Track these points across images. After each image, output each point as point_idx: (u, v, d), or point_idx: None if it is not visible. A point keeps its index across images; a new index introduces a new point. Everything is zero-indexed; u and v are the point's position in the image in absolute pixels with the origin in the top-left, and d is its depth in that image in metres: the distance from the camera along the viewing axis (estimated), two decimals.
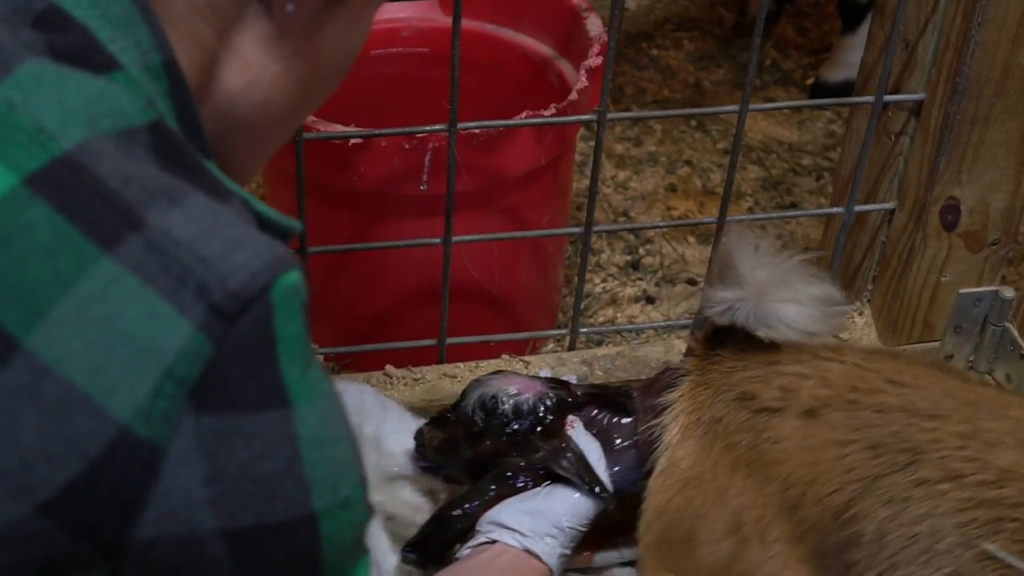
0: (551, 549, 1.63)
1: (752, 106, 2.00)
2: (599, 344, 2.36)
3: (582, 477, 1.66)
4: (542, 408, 1.69)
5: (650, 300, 2.57)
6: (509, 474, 1.68)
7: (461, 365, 2.12)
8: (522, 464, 1.68)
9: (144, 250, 0.83)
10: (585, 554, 1.87)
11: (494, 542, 1.65)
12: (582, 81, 2.07)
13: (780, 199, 2.86)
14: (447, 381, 2.09)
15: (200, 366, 0.82)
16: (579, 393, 1.73)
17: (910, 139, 2.07)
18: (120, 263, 0.82)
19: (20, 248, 0.82)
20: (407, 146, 1.96)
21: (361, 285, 2.22)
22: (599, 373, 2.12)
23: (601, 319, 2.52)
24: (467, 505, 1.68)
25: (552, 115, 1.99)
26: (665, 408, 1.65)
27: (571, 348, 2.20)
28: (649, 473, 1.64)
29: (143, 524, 0.84)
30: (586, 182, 2.83)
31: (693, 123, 3.09)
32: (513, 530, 1.63)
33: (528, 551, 1.62)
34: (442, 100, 1.89)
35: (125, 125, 0.89)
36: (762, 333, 1.61)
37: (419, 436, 1.76)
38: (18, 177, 0.84)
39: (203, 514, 0.85)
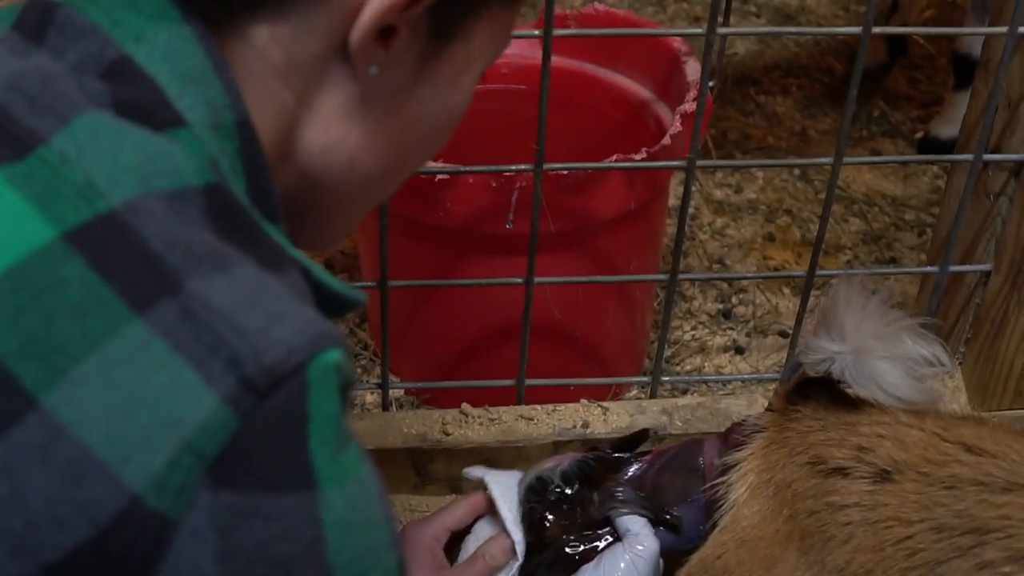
0: None
1: (847, 159, 1.96)
2: (684, 393, 2.33)
3: (643, 504, 1.62)
4: (586, 467, 1.66)
5: (739, 351, 2.53)
6: (561, 556, 1.65)
7: (539, 407, 2.09)
8: (573, 541, 1.65)
9: (178, 316, 0.80)
10: None
11: None
12: (676, 126, 2.04)
13: (880, 254, 2.80)
14: (523, 423, 2.07)
15: (222, 440, 0.79)
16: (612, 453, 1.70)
17: (1009, 200, 2.02)
18: (151, 327, 0.80)
19: (50, 304, 0.80)
20: (494, 184, 1.95)
21: (443, 322, 2.21)
22: (678, 423, 2.09)
23: (688, 367, 2.48)
24: None
25: (643, 159, 1.96)
26: (734, 466, 1.61)
27: (652, 396, 2.16)
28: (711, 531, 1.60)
29: None
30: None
31: (796, 172, 3.04)
32: None
33: None
34: (533, 146, 1.87)
35: (180, 185, 0.86)
36: (855, 391, 1.56)
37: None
38: (58, 231, 0.81)
39: None
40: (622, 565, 1.60)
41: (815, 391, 1.59)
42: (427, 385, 2.22)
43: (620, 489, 1.64)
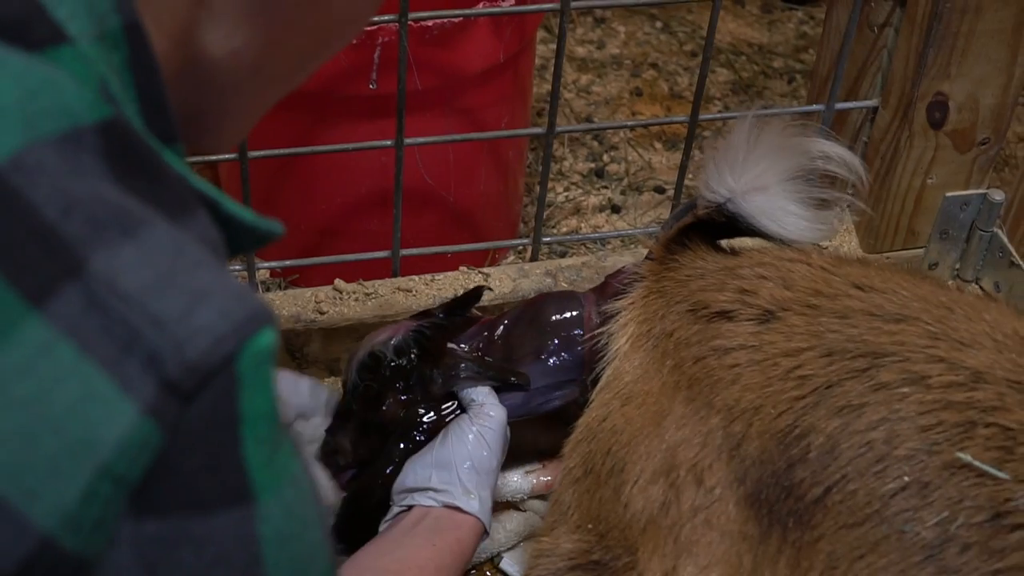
0: (470, 495, 1.54)
1: None
2: (563, 255, 2.23)
3: (486, 374, 1.58)
4: (422, 338, 1.60)
5: (615, 209, 2.44)
6: (409, 429, 1.60)
7: (416, 278, 1.98)
8: (421, 412, 1.60)
9: (84, 306, 0.67)
10: (544, 480, 1.76)
11: (410, 508, 1.56)
12: None
13: (751, 103, 2.72)
14: (401, 295, 1.95)
15: (145, 460, 0.67)
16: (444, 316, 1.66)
17: (895, 31, 1.93)
18: (53, 324, 0.66)
19: None
20: (354, 41, 1.81)
21: (308, 194, 2.07)
22: (564, 284, 1.99)
23: (564, 229, 2.38)
24: (379, 475, 1.60)
25: (511, 5, 1.84)
26: (613, 315, 1.52)
27: (533, 259, 2.06)
28: (592, 384, 1.53)
29: None
30: (546, 87, 2.70)
31: (659, 25, 2.94)
32: (424, 489, 1.54)
33: (448, 506, 1.54)
34: None
35: (70, 126, 0.72)
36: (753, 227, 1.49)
37: (327, 451, 1.65)
38: None
39: None
40: (470, 437, 1.57)
41: (694, 241, 1.52)
42: (295, 263, 2.09)
43: (463, 364, 1.59)
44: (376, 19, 1.75)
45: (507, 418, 1.60)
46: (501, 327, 1.64)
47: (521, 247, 2.25)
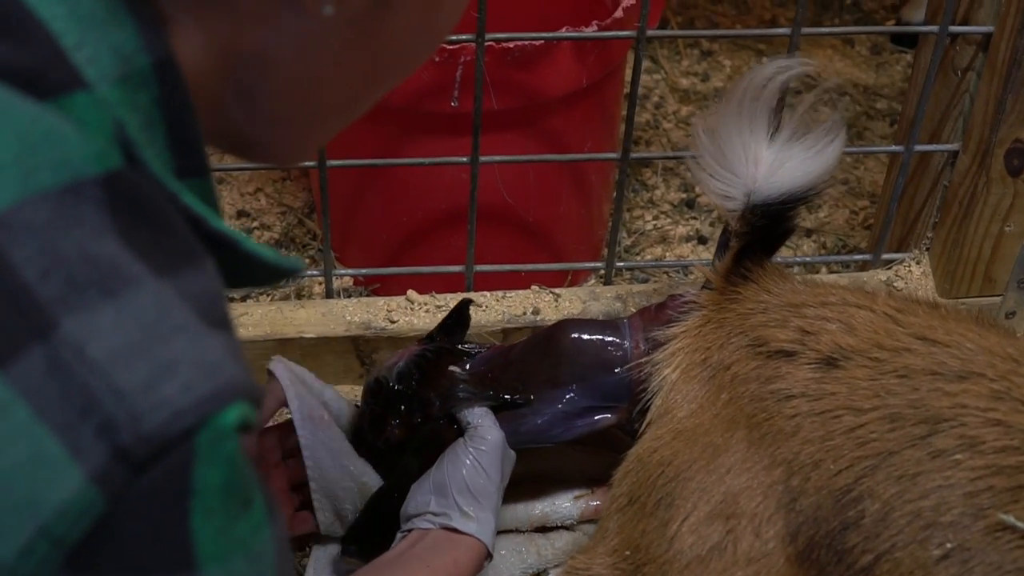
0: (467, 517, 1.55)
1: (805, 30, 1.87)
2: (645, 282, 2.26)
3: (483, 395, 1.59)
4: (423, 362, 1.63)
5: (702, 240, 2.45)
6: (425, 444, 1.63)
7: (488, 294, 2.02)
8: (436, 428, 1.63)
9: (45, 369, 0.68)
10: (593, 505, 1.78)
11: (411, 532, 1.58)
12: (630, 0, 1.95)
13: (850, 143, 2.71)
14: (471, 310, 1.98)
15: (85, 524, 0.68)
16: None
17: (977, 75, 1.93)
18: (12, 385, 0.68)
19: None
20: (437, 59, 1.86)
21: (389, 205, 2.12)
22: (632, 310, 2.00)
23: (649, 257, 2.40)
24: (396, 487, 1.63)
25: (593, 31, 1.87)
26: (664, 344, 1.52)
27: (607, 282, 2.09)
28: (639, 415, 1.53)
29: None
30: (646, 115, 2.72)
31: (764, 60, 2.94)
32: (423, 514, 1.57)
33: (445, 527, 1.55)
34: (475, 14, 1.78)
35: (71, 178, 0.73)
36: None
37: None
38: None
39: None
40: (467, 460, 1.58)
41: (756, 272, 1.51)
42: (371, 272, 2.14)
43: (460, 385, 1.61)
44: (457, 38, 1.80)
45: (507, 439, 1.60)
46: (517, 350, 1.66)
47: (601, 271, 2.27)
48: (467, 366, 1.65)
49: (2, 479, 0.67)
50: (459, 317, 1.71)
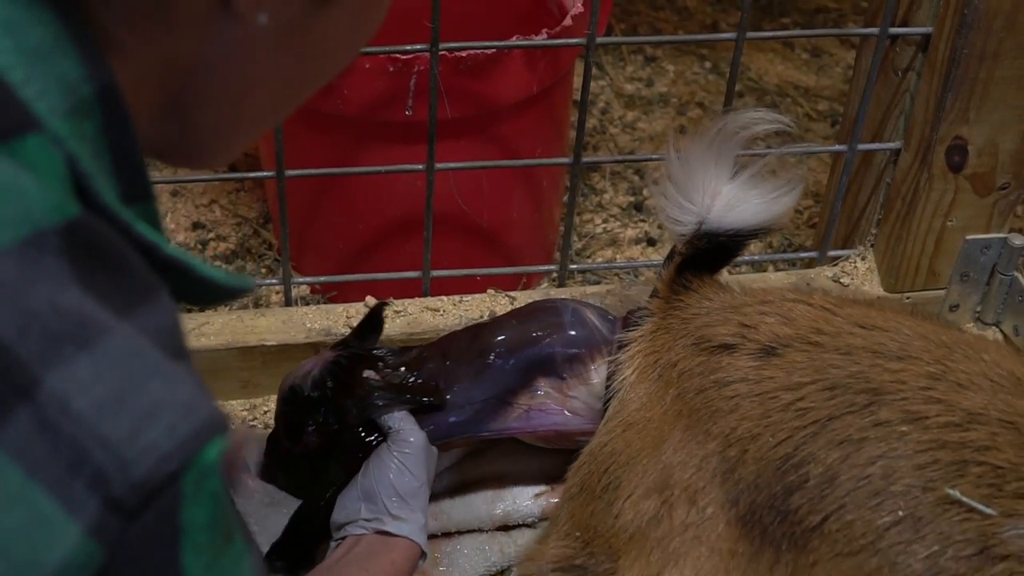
0: (399, 520, 1.58)
1: (749, 34, 1.91)
2: (597, 284, 2.30)
3: (399, 399, 1.62)
4: (337, 369, 1.65)
5: (651, 243, 2.50)
6: (351, 451, 1.65)
7: (445, 299, 2.05)
8: (362, 434, 1.65)
9: (34, 429, 0.69)
10: (555, 502, 1.81)
11: (344, 540, 1.61)
12: (578, 7, 2.00)
13: (793, 144, 2.76)
14: (429, 315, 2.02)
15: None
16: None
17: (917, 75, 1.98)
18: (2, 450, 0.69)
19: None
20: (391, 69, 1.89)
21: (347, 213, 2.15)
22: None
23: (600, 259, 2.44)
24: (320, 497, 1.65)
25: (542, 40, 1.91)
26: (625, 345, 1.59)
27: (560, 285, 2.13)
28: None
29: None
30: (593, 121, 2.77)
31: (707, 65, 3.00)
32: (354, 521, 1.59)
33: (379, 532, 1.58)
34: (428, 24, 1.82)
35: (31, 231, 0.73)
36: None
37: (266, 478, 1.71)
38: None
39: None
40: (393, 466, 1.60)
41: (697, 281, 1.58)
42: (329, 279, 2.17)
43: (376, 392, 1.63)
44: (411, 48, 1.84)
45: (430, 439, 1.64)
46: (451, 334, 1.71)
47: (554, 274, 2.31)
48: (384, 368, 1.67)
49: (3, 546, 0.68)
50: (373, 321, 1.73)
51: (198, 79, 0.89)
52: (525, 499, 1.84)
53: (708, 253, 1.57)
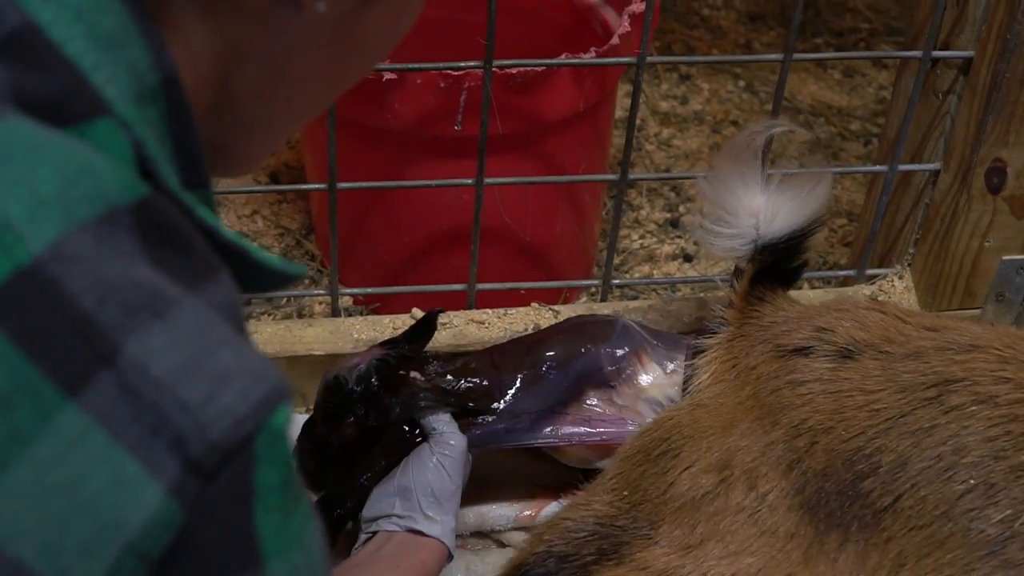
0: (431, 520, 1.60)
1: (796, 55, 1.95)
2: (634, 299, 2.33)
3: (445, 401, 1.65)
4: (384, 367, 1.68)
5: (688, 259, 2.53)
6: (395, 443, 1.67)
7: (489, 311, 2.08)
8: (388, 442, 1.67)
9: (116, 394, 0.72)
10: (527, 513, 1.83)
11: (375, 534, 1.63)
12: (624, 26, 2.03)
13: (826, 163, 2.80)
14: (474, 327, 2.05)
15: (168, 537, 0.72)
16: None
17: (958, 98, 2.01)
18: (87, 413, 0.71)
19: None
20: (442, 84, 1.93)
21: (393, 226, 2.19)
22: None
23: (637, 275, 2.48)
24: (355, 480, 1.68)
25: (592, 58, 1.95)
26: (701, 351, 1.63)
27: (603, 299, 2.16)
28: None
29: None
30: None
31: (741, 83, 3.04)
32: (387, 516, 1.62)
33: (410, 530, 1.61)
34: (482, 41, 1.85)
35: (106, 209, 0.75)
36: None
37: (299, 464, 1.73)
38: None
39: None
40: (431, 464, 1.63)
41: (770, 295, 1.61)
42: (376, 291, 2.21)
43: (422, 393, 1.66)
44: (463, 64, 1.87)
45: (469, 445, 1.67)
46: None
47: (594, 288, 2.34)
48: (430, 371, 1.69)
49: (89, 505, 0.71)
50: (427, 326, 1.76)
51: (253, 71, 0.91)
52: (501, 507, 1.85)
53: (775, 265, 1.60)
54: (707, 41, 3.18)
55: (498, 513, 1.85)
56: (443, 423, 1.66)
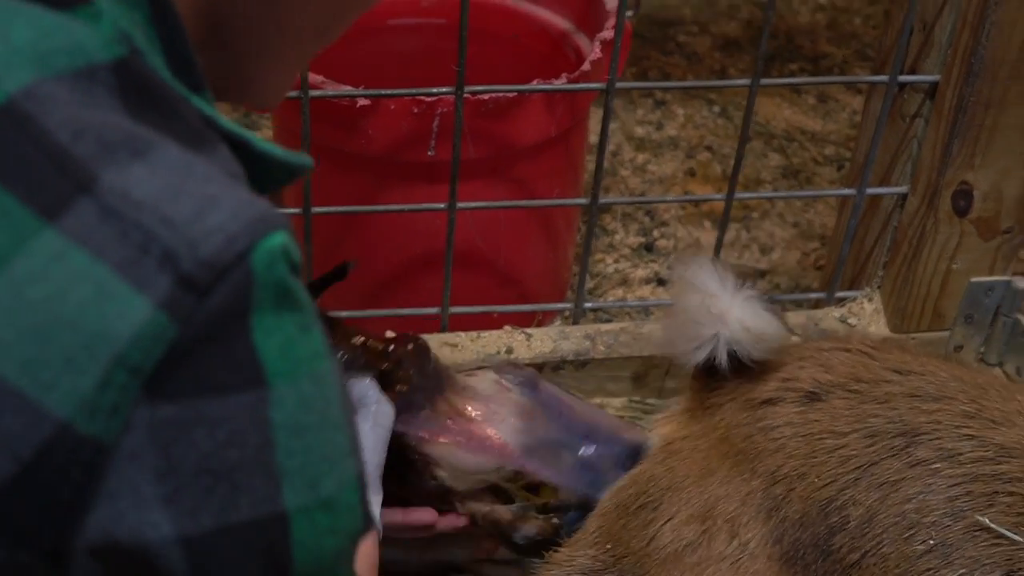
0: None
1: (763, 80, 1.97)
2: (608, 323, 2.35)
3: (362, 365, 1.59)
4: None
5: (661, 282, 2.56)
6: None
7: (462, 334, 2.10)
8: None
9: (97, 217, 0.71)
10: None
11: None
12: (595, 52, 2.05)
13: (800, 188, 2.83)
14: (448, 349, 2.07)
15: (159, 351, 0.71)
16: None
17: (924, 121, 2.04)
18: (66, 235, 0.70)
19: None
20: (415, 110, 1.95)
21: (367, 250, 2.21)
22: (601, 348, 2.10)
23: (611, 298, 2.50)
24: None
25: (562, 84, 1.98)
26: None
27: (575, 323, 2.18)
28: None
29: (88, 528, 0.73)
30: (605, 163, 2.82)
31: (716, 109, 3.07)
32: None
33: None
34: (455, 68, 1.88)
35: (84, 63, 0.76)
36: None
37: None
38: None
39: (155, 516, 0.73)
40: (371, 440, 1.51)
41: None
42: (351, 314, 2.22)
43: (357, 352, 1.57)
44: (435, 90, 1.89)
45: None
46: None
47: (568, 312, 2.36)
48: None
49: (71, 318, 0.70)
50: (339, 274, 1.70)
51: (230, 9, 0.91)
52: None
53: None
54: (683, 67, 3.21)
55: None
56: (365, 387, 1.55)
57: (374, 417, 1.52)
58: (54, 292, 0.70)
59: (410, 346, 1.65)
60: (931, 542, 1.36)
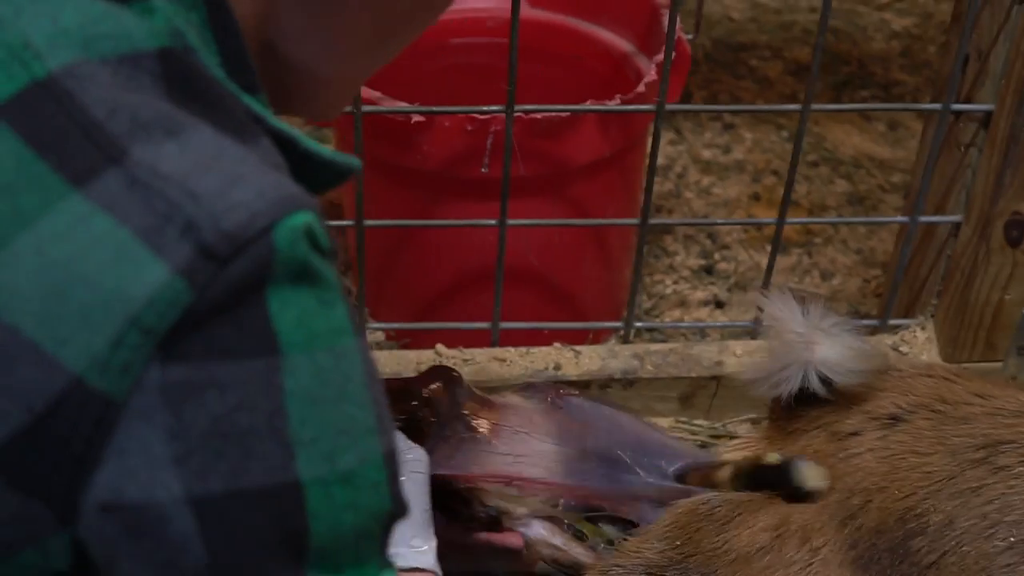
0: (420, 551, 1.44)
1: (815, 106, 1.98)
2: (662, 343, 2.36)
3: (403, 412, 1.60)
4: None
5: (719, 305, 2.56)
6: None
7: (512, 349, 2.13)
8: None
9: (124, 186, 0.73)
10: None
11: None
12: (651, 74, 2.07)
13: (865, 215, 2.82)
14: (496, 364, 2.10)
15: (174, 315, 0.72)
16: None
17: (979, 151, 2.04)
18: (92, 200, 0.73)
19: None
20: (469, 127, 1.98)
21: (420, 264, 2.24)
22: (649, 367, 2.12)
23: (668, 320, 2.51)
24: None
25: (614, 105, 1.99)
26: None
27: (626, 341, 2.19)
28: None
29: (97, 484, 0.75)
30: (669, 185, 2.84)
31: (784, 134, 3.06)
32: None
33: (402, 571, 1.41)
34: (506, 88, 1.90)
35: (129, 49, 0.78)
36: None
37: None
38: None
39: (165, 474, 0.74)
40: (409, 488, 1.47)
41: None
42: (403, 326, 2.26)
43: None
44: (487, 108, 1.92)
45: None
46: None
47: (621, 331, 2.37)
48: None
49: (88, 277, 0.72)
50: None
51: (287, 11, 0.93)
52: None
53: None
54: (753, 91, 3.21)
55: None
56: (400, 441, 1.52)
57: (408, 466, 1.51)
58: (76, 252, 0.72)
59: (436, 384, 1.67)
60: (1011, 539, 1.39)
